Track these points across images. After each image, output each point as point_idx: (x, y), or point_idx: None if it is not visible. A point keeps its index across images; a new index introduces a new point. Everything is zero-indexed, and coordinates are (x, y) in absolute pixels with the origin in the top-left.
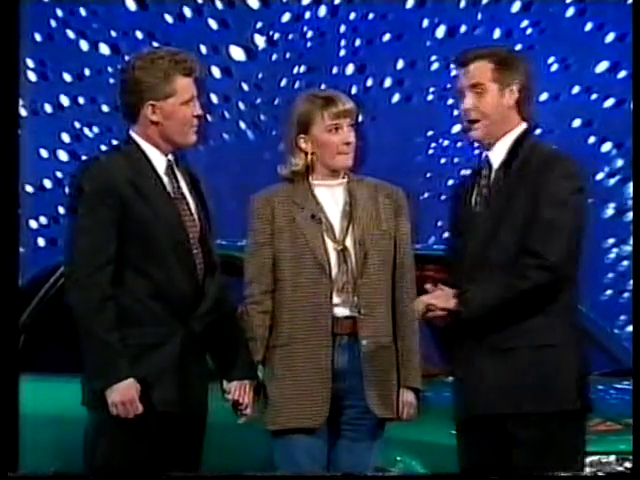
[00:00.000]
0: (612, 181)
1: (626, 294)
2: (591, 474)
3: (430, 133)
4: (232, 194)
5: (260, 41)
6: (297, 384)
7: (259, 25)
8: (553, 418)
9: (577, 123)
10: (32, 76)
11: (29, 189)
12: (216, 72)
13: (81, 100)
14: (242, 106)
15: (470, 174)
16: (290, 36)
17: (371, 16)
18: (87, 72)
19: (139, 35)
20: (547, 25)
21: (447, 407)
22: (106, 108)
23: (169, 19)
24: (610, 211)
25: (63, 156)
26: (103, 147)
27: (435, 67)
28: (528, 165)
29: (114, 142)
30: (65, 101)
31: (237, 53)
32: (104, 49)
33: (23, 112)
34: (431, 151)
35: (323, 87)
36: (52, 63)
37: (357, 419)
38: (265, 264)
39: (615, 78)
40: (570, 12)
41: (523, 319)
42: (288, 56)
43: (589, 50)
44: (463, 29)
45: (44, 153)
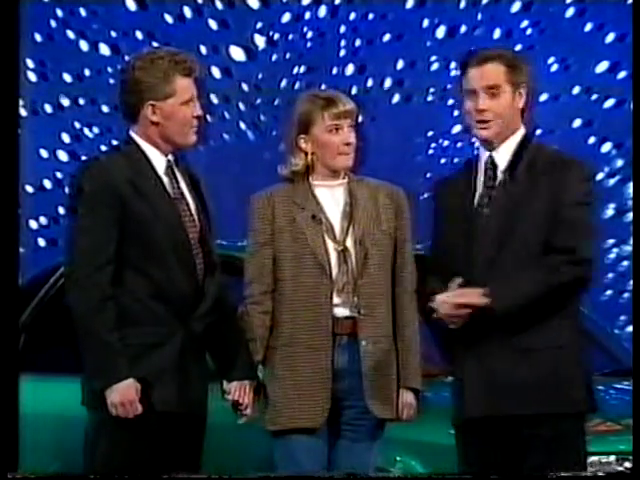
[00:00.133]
0: (612, 181)
1: (626, 294)
2: (591, 474)
3: (430, 133)
4: (232, 194)
5: (260, 41)
6: (297, 384)
7: (259, 25)
8: (568, 419)
9: (577, 123)
10: (32, 76)
11: (29, 189)
12: (216, 72)
13: (81, 100)
14: (242, 106)
15: (462, 173)
16: (290, 36)
17: (371, 16)
18: (87, 72)
19: (139, 35)
20: (547, 25)
21: (447, 407)
22: (106, 108)
23: (169, 19)
24: (610, 211)
25: (63, 156)
26: (103, 147)
27: (435, 67)
28: (534, 167)
29: (114, 142)
30: (65, 101)
31: (237, 53)
32: (104, 49)
33: (23, 112)
34: (431, 151)
35: (323, 87)
36: (52, 63)
37: (357, 419)
38: (265, 264)
39: (615, 78)
40: (570, 12)
41: (542, 319)
42: (288, 56)
43: (589, 50)
44: (463, 29)
45: (44, 153)
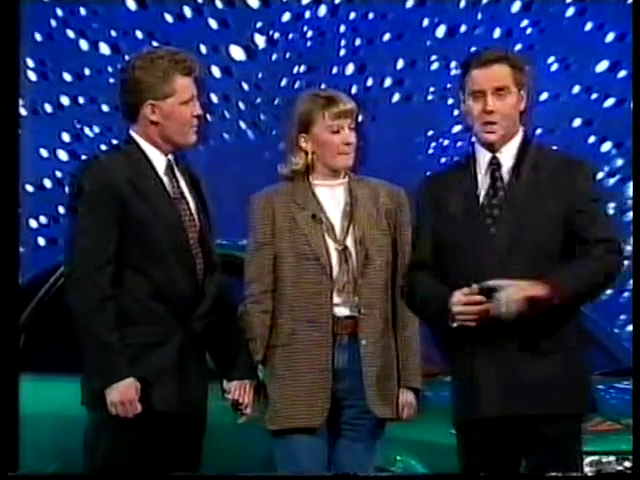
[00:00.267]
0: (612, 181)
1: (626, 294)
2: (591, 474)
3: (430, 133)
4: (232, 194)
5: (260, 41)
6: (297, 384)
7: (259, 25)
8: (577, 419)
9: (577, 123)
10: (32, 76)
11: (29, 189)
12: (216, 72)
13: (81, 100)
14: (242, 106)
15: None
16: (290, 36)
17: (371, 16)
18: (87, 72)
19: (139, 35)
20: (547, 25)
21: (447, 407)
22: (106, 108)
23: (169, 19)
24: (610, 211)
25: (63, 156)
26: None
27: (435, 67)
28: (539, 168)
29: (114, 142)
30: (65, 101)
31: (237, 53)
32: (104, 49)
33: (23, 112)
34: (431, 151)
35: (323, 87)
36: (52, 63)
37: (357, 419)
38: (265, 264)
39: (615, 78)
40: (570, 12)
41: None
42: (288, 56)
43: (589, 50)
44: (463, 29)
45: (44, 153)
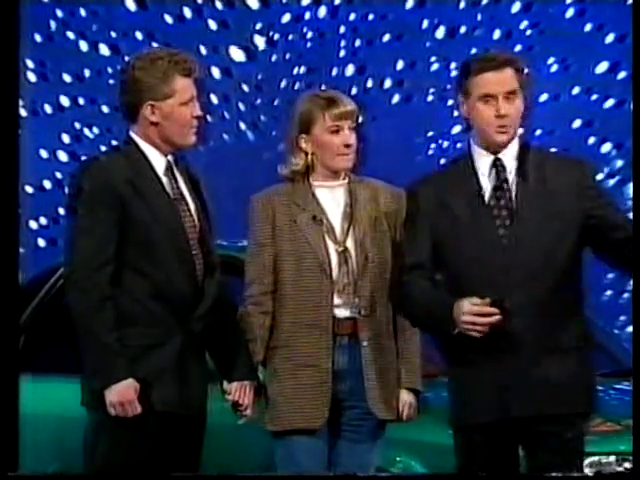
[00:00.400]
0: (612, 181)
1: (626, 294)
2: (591, 474)
3: (430, 133)
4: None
5: (260, 42)
6: (297, 385)
7: (259, 26)
8: (585, 419)
9: (577, 123)
10: (32, 77)
11: (29, 189)
12: (216, 73)
13: (81, 101)
14: (242, 107)
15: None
16: (290, 37)
17: (371, 17)
18: (87, 73)
19: (139, 35)
20: (547, 26)
21: (447, 407)
22: (106, 109)
23: (169, 19)
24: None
25: (63, 157)
26: (103, 147)
27: (435, 67)
28: (541, 169)
29: (114, 142)
30: (65, 102)
31: (237, 54)
32: (104, 50)
33: (23, 112)
34: (431, 151)
35: (323, 88)
36: (52, 64)
37: (358, 420)
38: (266, 265)
39: (615, 78)
40: (570, 13)
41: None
42: (288, 57)
43: (589, 50)
44: (463, 30)
45: (44, 153)
